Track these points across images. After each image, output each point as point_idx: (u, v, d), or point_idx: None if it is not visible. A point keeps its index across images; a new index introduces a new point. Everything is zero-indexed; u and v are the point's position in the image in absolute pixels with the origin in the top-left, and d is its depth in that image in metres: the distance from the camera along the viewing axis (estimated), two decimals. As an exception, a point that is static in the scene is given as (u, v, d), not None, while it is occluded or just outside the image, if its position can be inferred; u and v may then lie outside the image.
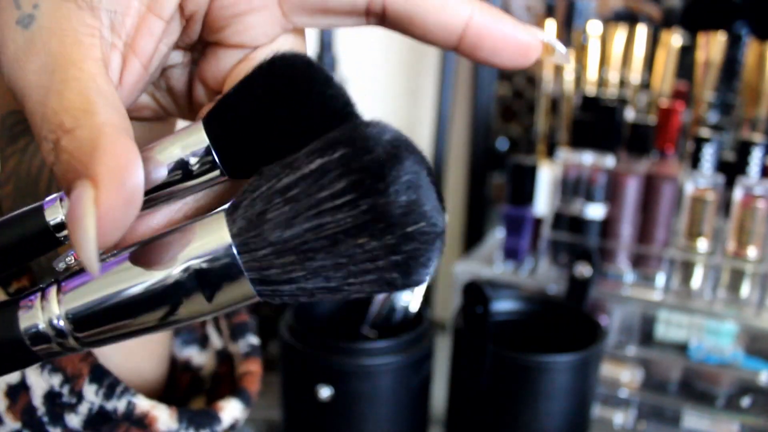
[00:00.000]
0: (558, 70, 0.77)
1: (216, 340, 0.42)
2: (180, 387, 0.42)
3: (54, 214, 0.22)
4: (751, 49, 0.70)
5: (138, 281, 0.21)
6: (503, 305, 0.62)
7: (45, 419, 0.34)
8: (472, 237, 0.94)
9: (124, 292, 0.21)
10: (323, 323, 0.59)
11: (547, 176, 0.71)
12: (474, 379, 0.55)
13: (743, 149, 0.66)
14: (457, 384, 0.59)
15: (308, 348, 0.51)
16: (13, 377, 0.35)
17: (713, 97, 0.71)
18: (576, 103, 0.74)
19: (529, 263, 0.73)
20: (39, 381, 0.34)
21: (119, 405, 0.35)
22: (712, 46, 0.70)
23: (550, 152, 0.77)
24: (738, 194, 0.62)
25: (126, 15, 0.25)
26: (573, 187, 0.68)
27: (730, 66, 0.71)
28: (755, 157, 0.66)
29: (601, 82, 0.75)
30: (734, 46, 0.70)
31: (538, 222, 0.72)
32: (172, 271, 0.21)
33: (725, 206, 0.66)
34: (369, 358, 0.50)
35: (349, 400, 0.51)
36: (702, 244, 0.64)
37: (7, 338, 0.19)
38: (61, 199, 0.23)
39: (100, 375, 0.35)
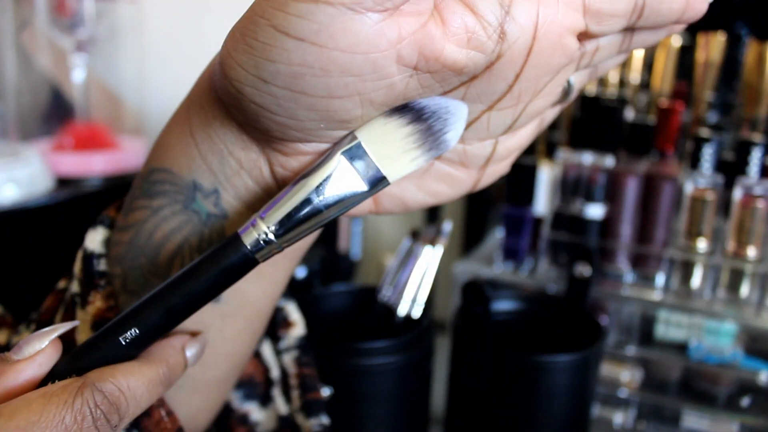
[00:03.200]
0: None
1: (282, 406, 0.43)
2: None
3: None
4: (751, 49, 0.70)
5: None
6: (503, 305, 0.62)
7: None
8: (472, 237, 0.94)
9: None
10: (323, 323, 0.59)
11: (546, 176, 0.71)
12: (474, 379, 0.55)
13: (743, 149, 0.66)
14: (457, 384, 0.59)
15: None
16: None
17: (713, 97, 0.71)
18: (576, 103, 0.74)
19: (529, 263, 0.73)
20: None
21: None
22: (712, 46, 0.70)
23: (550, 152, 0.77)
24: (737, 194, 0.62)
25: None
26: (573, 187, 0.68)
27: (730, 66, 0.71)
28: (755, 157, 0.66)
29: (601, 82, 0.75)
30: (734, 46, 0.70)
31: (538, 222, 0.72)
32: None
33: (725, 206, 0.66)
34: (369, 358, 0.50)
35: (348, 399, 0.51)
36: (702, 244, 0.64)
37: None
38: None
39: None
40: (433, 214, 0.95)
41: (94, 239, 0.36)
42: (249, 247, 0.28)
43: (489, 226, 0.93)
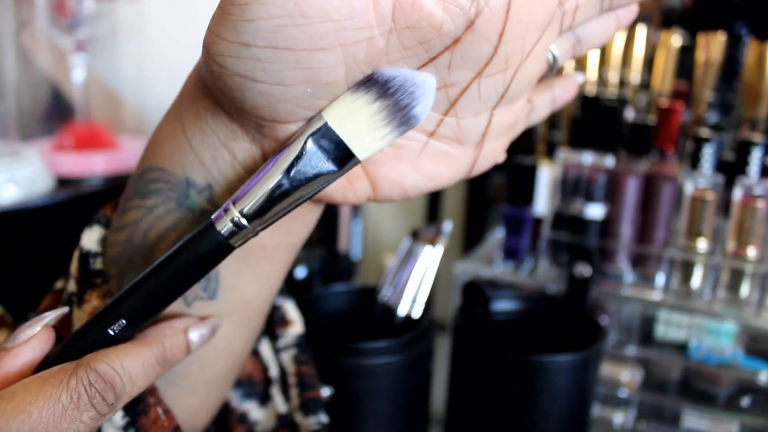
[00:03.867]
0: (558, 70, 0.77)
1: (281, 405, 0.43)
2: None
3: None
4: (751, 49, 0.70)
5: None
6: (503, 305, 0.62)
7: None
8: (472, 237, 0.94)
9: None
10: (323, 323, 0.59)
11: (547, 176, 0.71)
12: (474, 378, 0.55)
13: (743, 149, 0.66)
14: (457, 384, 0.59)
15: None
16: None
17: (713, 97, 0.71)
18: (576, 103, 0.74)
19: (529, 263, 0.73)
20: None
21: None
22: (712, 46, 0.70)
23: (550, 152, 0.77)
24: (738, 194, 0.62)
25: None
26: (573, 187, 0.68)
27: (730, 66, 0.71)
28: (755, 157, 0.66)
29: (601, 82, 0.75)
30: (734, 46, 0.70)
31: (538, 222, 0.72)
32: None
33: (725, 206, 0.66)
34: (369, 358, 0.50)
35: (349, 400, 0.51)
36: (702, 244, 0.64)
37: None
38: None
39: None
40: (433, 214, 0.95)
41: (91, 238, 0.36)
42: (223, 233, 0.28)
43: (489, 226, 0.93)
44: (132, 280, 0.33)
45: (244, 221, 0.28)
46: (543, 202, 0.72)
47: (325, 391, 0.50)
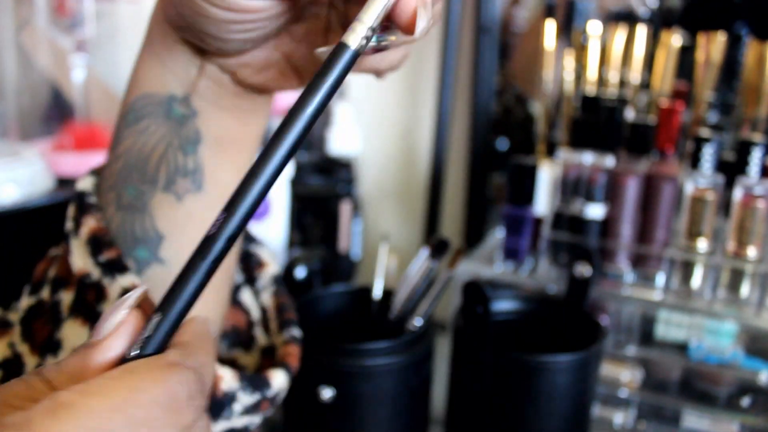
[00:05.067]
0: (558, 70, 0.77)
1: (262, 338, 0.46)
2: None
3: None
4: (751, 49, 0.70)
5: None
6: (503, 305, 0.62)
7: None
8: (472, 237, 0.94)
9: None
10: (324, 323, 0.59)
11: (547, 176, 0.71)
12: (474, 379, 0.55)
13: (743, 149, 0.66)
14: (457, 384, 0.59)
15: (309, 349, 0.51)
16: (83, 341, 0.36)
17: (713, 97, 0.71)
18: (576, 103, 0.74)
19: (529, 263, 0.73)
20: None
21: None
22: (712, 46, 0.70)
23: (550, 152, 0.77)
24: (738, 194, 0.62)
25: None
26: (573, 187, 0.68)
27: (730, 66, 0.71)
28: (755, 157, 0.66)
29: (601, 82, 0.75)
30: (734, 46, 0.70)
31: (538, 222, 0.72)
32: None
33: (725, 206, 0.66)
34: (370, 359, 0.50)
35: (350, 400, 0.51)
36: (702, 244, 0.64)
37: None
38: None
39: None
40: (434, 214, 0.95)
41: (85, 183, 0.41)
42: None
43: (489, 226, 0.93)
44: (129, 194, 0.38)
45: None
46: (543, 202, 0.72)
47: (327, 392, 0.50)
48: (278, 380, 0.41)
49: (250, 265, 0.48)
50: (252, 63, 0.37)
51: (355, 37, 0.29)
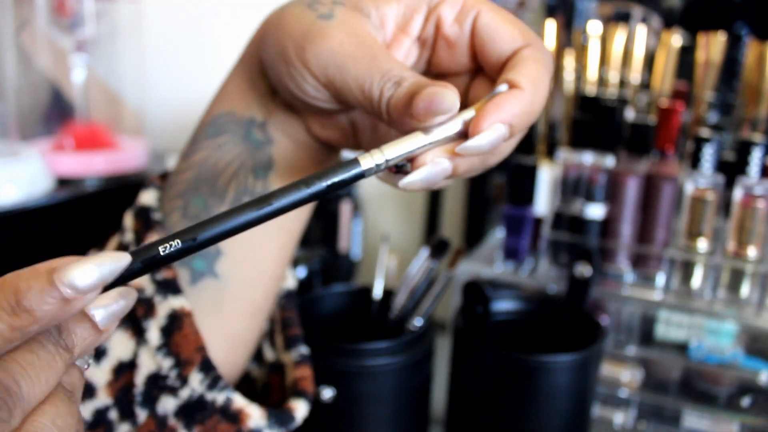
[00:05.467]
0: (558, 70, 0.77)
1: (269, 353, 0.47)
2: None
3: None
4: (751, 49, 0.70)
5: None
6: (503, 305, 0.62)
7: (138, 399, 0.38)
8: (472, 237, 0.94)
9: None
10: (324, 323, 0.59)
11: (547, 176, 0.71)
12: (474, 379, 0.55)
13: (743, 149, 0.66)
14: (457, 384, 0.59)
15: (309, 349, 0.51)
16: (126, 355, 0.39)
17: (713, 97, 0.71)
18: (576, 102, 0.74)
19: (529, 263, 0.73)
20: (149, 362, 0.38)
21: (218, 397, 0.39)
22: (712, 46, 0.70)
23: (550, 152, 0.77)
24: (738, 194, 0.62)
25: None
26: (573, 187, 0.68)
27: (730, 66, 0.71)
28: (755, 157, 0.66)
29: (601, 82, 0.75)
30: (734, 46, 0.70)
31: (538, 222, 0.72)
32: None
33: (725, 206, 0.66)
34: (370, 359, 0.50)
35: (350, 400, 0.51)
36: (702, 244, 0.64)
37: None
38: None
39: (209, 367, 0.39)
40: (434, 213, 0.95)
41: (149, 196, 0.42)
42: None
43: (489, 226, 0.93)
44: (196, 204, 0.39)
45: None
46: (543, 202, 0.72)
47: (328, 393, 0.50)
48: (301, 411, 0.43)
49: None
50: (320, 120, 0.40)
51: (368, 161, 0.31)
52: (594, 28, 0.74)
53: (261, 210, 0.29)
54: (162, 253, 0.26)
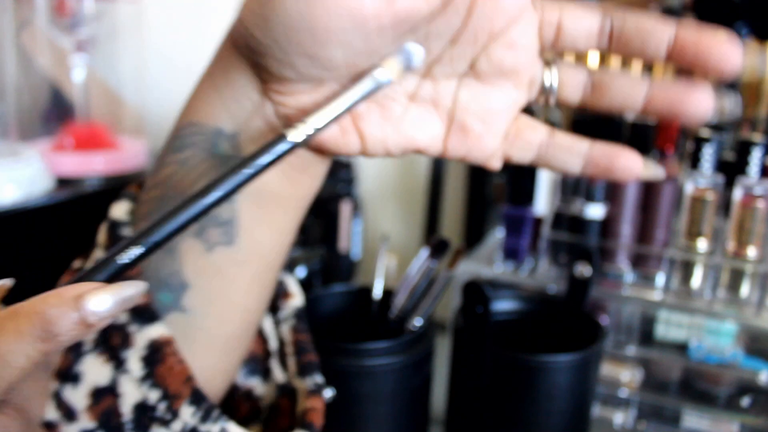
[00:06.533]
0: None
1: (279, 375, 0.45)
2: (239, 414, 0.44)
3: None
4: (751, 49, 0.70)
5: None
6: (503, 305, 0.62)
7: (129, 426, 0.36)
8: (472, 237, 0.94)
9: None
10: (323, 323, 0.59)
11: (547, 176, 0.71)
12: (474, 378, 0.55)
13: (743, 149, 0.66)
14: (457, 384, 0.59)
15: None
16: (102, 381, 0.37)
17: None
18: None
19: (529, 263, 0.73)
20: (134, 391, 0.36)
21: (213, 429, 0.37)
22: (712, 46, 0.70)
23: (550, 152, 0.77)
24: (738, 194, 0.62)
25: None
26: (573, 187, 0.68)
27: (730, 66, 0.71)
28: (755, 157, 0.66)
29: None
30: (734, 46, 0.70)
31: (538, 222, 0.72)
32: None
33: (725, 206, 0.66)
34: (370, 359, 0.50)
35: (350, 400, 0.51)
36: (702, 244, 0.64)
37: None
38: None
39: (200, 398, 0.37)
40: (434, 213, 0.95)
41: (120, 209, 0.39)
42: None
43: (489, 226, 0.93)
44: None
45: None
46: (543, 202, 0.72)
47: (328, 392, 0.50)
48: None
49: (276, 292, 0.46)
50: (311, 110, 0.35)
51: (295, 134, 0.32)
52: (594, 28, 0.74)
53: (197, 203, 0.29)
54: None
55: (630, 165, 0.40)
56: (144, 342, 0.36)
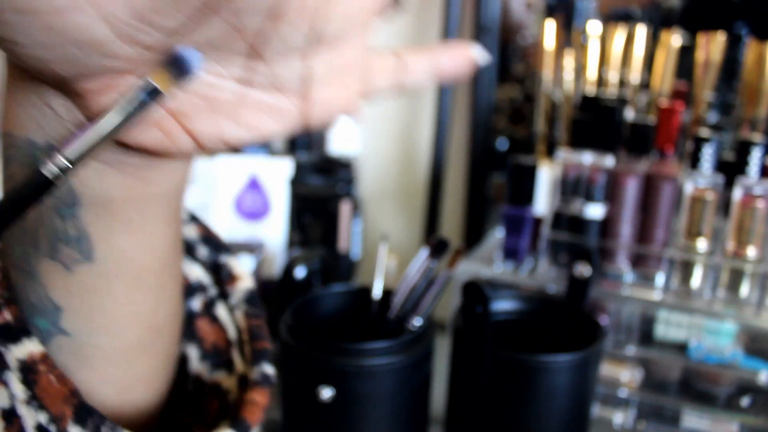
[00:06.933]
0: (558, 69, 0.77)
1: (239, 365, 0.42)
2: (210, 412, 0.42)
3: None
4: (751, 49, 0.70)
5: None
6: (503, 305, 0.62)
7: None
8: (472, 237, 0.94)
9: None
10: (323, 323, 0.59)
11: (546, 176, 0.71)
12: (474, 379, 0.55)
13: (743, 149, 0.66)
14: (457, 384, 0.59)
15: (309, 348, 0.51)
16: (4, 403, 0.34)
17: (713, 97, 0.71)
18: (576, 102, 0.74)
19: (529, 263, 0.73)
20: (28, 414, 0.34)
21: None
22: (712, 46, 0.70)
23: (550, 152, 0.77)
24: (737, 194, 0.62)
25: None
26: (573, 187, 0.68)
27: (730, 66, 0.71)
28: (755, 157, 0.66)
29: (601, 82, 0.75)
30: (734, 46, 0.71)
31: (538, 222, 0.72)
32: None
33: (725, 206, 0.66)
34: (370, 359, 0.50)
35: (350, 400, 0.51)
36: (701, 244, 0.64)
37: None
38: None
39: (84, 416, 0.34)
40: (433, 213, 0.95)
41: None
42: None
43: (489, 226, 0.93)
44: (16, 252, 0.33)
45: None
46: (543, 202, 0.72)
47: (327, 392, 0.50)
48: None
49: (221, 278, 0.43)
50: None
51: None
52: (594, 27, 0.74)
53: None
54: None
55: (460, 55, 0.36)
56: (14, 363, 0.34)
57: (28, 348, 0.33)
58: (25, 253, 0.33)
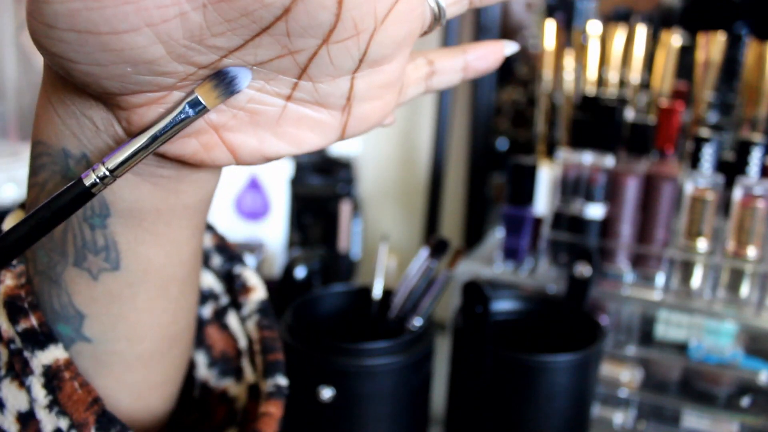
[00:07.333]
0: (558, 69, 0.77)
1: (250, 375, 0.42)
2: (216, 419, 0.42)
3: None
4: (751, 49, 0.70)
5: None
6: (503, 305, 0.62)
7: None
8: (472, 237, 0.94)
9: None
10: (323, 323, 0.59)
11: (546, 176, 0.71)
12: (474, 378, 0.55)
13: (743, 149, 0.66)
14: (457, 384, 0.59)
15: (309, 348, 0.51)
16: (22, 407, 0.35)
17: (713, 97, 0.71)
18: (576, 102, 0.74)
19: (529, 263, 0.73)
20: (47, 418, 0.34)
21: None
22: (712, 46, 0.70)
23: (550, 152, 0.77)
24: (738, 194, 0.62)
25: None
26: (573, 187, 0.68)
27: (730, 66, 0.71)
28: (755, 157, 0.66)
29: (601, 82, 0.75)
30: (734, 46, 0.70)
31: (538, 222, 0.72)
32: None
33: (725, 206, 0.66)
34: (370, 359, 0.50)
35: (350, 400, 0.51)
36: (702, 244, 0.64)
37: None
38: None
39: (107, 424, 0.35)
40: (433, 214, 0.95)
41: (9, 222, 0.36)
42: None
43: (489, 226, 0.93)
44: (41, 259, 0.33)
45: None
46: (543, 202, 0.72)
47: (327, 392, 0.50)
48: None
49: (234, 288, 0.43)
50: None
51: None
52: (594, 27, 0.74)
53: None
54: None
55: (494, 51, 0.37)
56: (39, 369, 0.34)
57: (54, 354, 0.34)
58: (51, 260, 0.33)
